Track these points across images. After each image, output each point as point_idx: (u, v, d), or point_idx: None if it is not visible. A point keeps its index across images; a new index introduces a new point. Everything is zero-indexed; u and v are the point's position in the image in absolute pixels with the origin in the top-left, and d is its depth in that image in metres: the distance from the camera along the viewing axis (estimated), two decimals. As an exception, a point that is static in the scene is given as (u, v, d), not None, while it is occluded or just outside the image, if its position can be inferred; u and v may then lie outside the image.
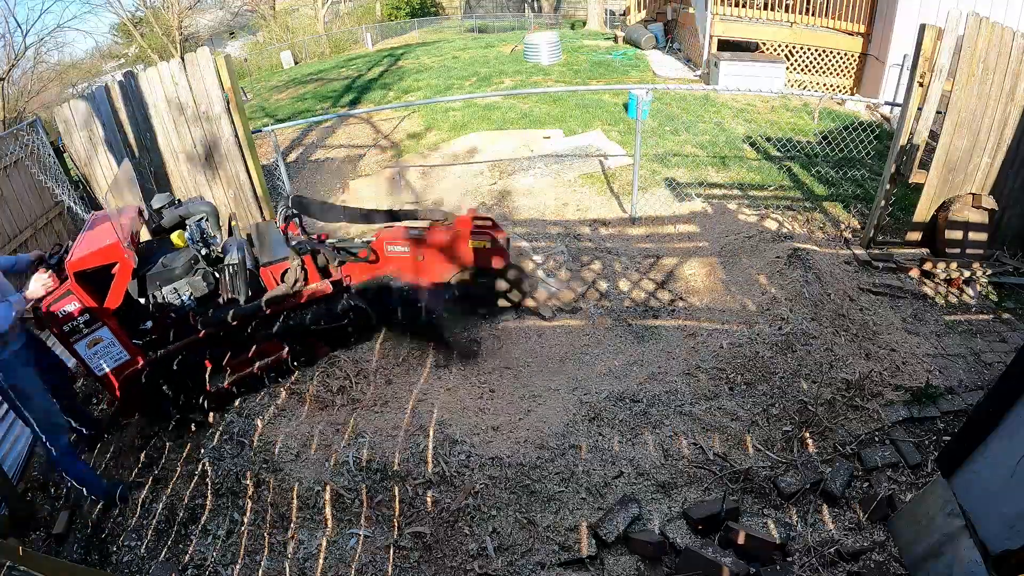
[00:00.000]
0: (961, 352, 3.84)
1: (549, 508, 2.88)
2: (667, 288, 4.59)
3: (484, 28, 27.41)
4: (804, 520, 2.77)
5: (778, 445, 3.17)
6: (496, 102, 8.70)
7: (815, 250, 4.81)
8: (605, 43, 13.88)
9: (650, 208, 5.67)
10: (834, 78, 9.36)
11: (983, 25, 4.21)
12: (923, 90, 4.43)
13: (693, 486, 2.98)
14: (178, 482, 3.12)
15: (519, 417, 3.43)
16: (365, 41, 25.00)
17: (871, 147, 5.96)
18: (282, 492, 2.99)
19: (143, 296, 3.34)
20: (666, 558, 2.62)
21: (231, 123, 4.89)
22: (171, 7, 25.55)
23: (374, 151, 7.72)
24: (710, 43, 9.76)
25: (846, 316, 4.12)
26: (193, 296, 3.39)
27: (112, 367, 3.17)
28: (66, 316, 2.93)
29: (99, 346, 3.09)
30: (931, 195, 4.76)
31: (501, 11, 31.93)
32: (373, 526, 2.84)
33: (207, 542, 2.84)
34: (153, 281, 3.30)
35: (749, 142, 7.17)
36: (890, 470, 2.97)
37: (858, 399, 3.37)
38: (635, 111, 7.25)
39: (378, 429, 3.34)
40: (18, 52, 18.07)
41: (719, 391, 3.55)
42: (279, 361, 3.67)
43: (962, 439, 2.31)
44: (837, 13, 9.12)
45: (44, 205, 4.90)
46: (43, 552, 2.82)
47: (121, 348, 3.16)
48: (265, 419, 3.44)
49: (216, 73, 4.72)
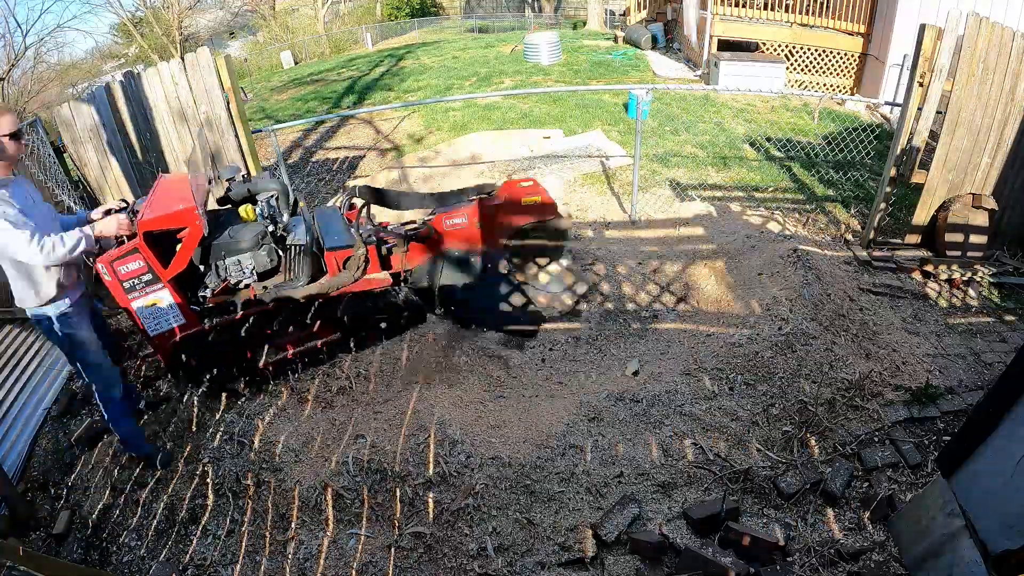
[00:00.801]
0: (961, 352, 3.84)
1: (549, 508, 2.88)
2: (667, 288, 4.59)
3: (484, 28, 27.43)
4: (804, 520, 2.77)
5: (778, 445, 3.17)
6: (496, 102, 8.71)
7: (815, 250, 4.81)
8: (605, 43, 13.88)
9: (650, 208, 5.67)
10: (834, 78, 9.37)
11: (983, 25, 4.21)
12: (923, 90, 4.43)
13: (693, 486, 2.98)
14: (178, 482, 3.12)
15: (519, 417, 3.44)
16: (365, 41, 25.02)
17: (871, 147, 5.96)
18: (282, 492, 2.99)
19: (204, 263, 3.39)
20: (666, 558, 2.62)
21: (231, 123, 4.89)
22: (171, 7, 25.57)
23: (374, 151, 7.73)
24: (710, 43, 9.76)
25: (846, 316, 4.12)
26: (255, 270, 3.44)
27: (166, 329, 3.24)
28: (128, 273, 2.99)
29: (157, 307, 3.15)
30: (931, 195, 4.76)
31: (501, 11, 31.94)
32: (373, 526, 2.84)
33: (207, 542, 2.84)
34: (219, 250, 3.34)
35: (749, 142, 7.17)
36: (890, 470, 2.97)
37: (858, 399, 3.37)
38: (635, 111, 7.26)
39: (378, 429, 3.34)
40: (18, 52, 18.09)
41: (719, 391, 3.55)
42: (329, 345, 3.76)
43: (962, 439, 2.31)
44: (837, 13, 9.12)
45: (44, 205, 4.90)
46: (43, 552, 2.82)
47: (179, 312, 3.22)
48: (266, 419, 3.44)
49: (216, 73, 4.73)
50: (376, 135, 8.26)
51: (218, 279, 3.40)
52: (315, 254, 3.63)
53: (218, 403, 3.64)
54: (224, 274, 3.40)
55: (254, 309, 3.43)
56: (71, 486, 3.20)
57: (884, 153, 5.42)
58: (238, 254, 3.37)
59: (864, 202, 5.70)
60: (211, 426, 3.43)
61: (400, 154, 7.49)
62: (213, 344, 3.40)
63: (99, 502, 3.07)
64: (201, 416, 3.51)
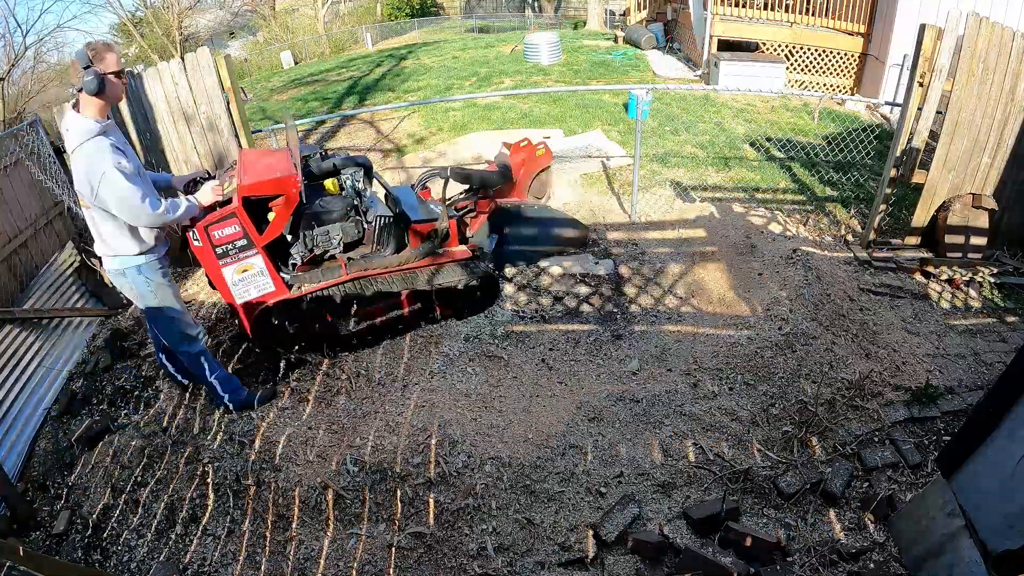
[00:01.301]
0: (961, 352, 3.84)
1: (549, 508, 2.88)
2: (667, 288, 4.59)
3: (484, 28, 27.42)
4: (804, 520, 2.77)
5: (778, 445, 3.17)
6: (496, 102, 8.70)
7: (815, 250, 4.81)
8: (605, 43, 13.89)
9: (650, 208, 5.67)
10: (834, 78, 9.37)
11: (983, 25, 4.21)
12: (923, 90, 4.43)
13: (693, 486, 2.98)
14: (178, 482, 3.12)
15: (519, 417, 3.44)
16: (365, 41, 25.02)
17: (871, 147, 5.96)
18: (282, 492, 2.99)
19: (292, 233, 3.45)
20: (666, 558, 2.62)
21: (231, 123, 4.89)
22: (171, 7, 25.56)
23: (375, 151, 7.73)
24: (710, 43, 9.76)
25: (846, 316, 4.12)
26: (342, 241, 3.53)
27: (256, 296, 3.31)
28: (223, 238, 3.05)
29: (247, 273, 3.20)
30: (931, 195, 4.76)
31: (501, 11, 31.94)
32: (373, 526, 2.84)
33: (207, 542, 2.84)
34: (309, 220, 3.43)
35: (749, 142, 7.17)
36: (890, 470, 2.97)
37: (858, 399, 3.37)
38: (635, 111, 7.25)
39: (379, 429, 3.34)
40: (18, 52, 18.08)
41: (719, 391, 3.55)
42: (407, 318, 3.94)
43: (962, 439, 2.31)
44: (837, 13, 9.12)
45: (44, 205, 4.90)
46: (43, 552, 2.82)
47: (269, 279, 3.29)
48: (266, 419, 3.44)
49: (216, 73, 4.73)
50: (377, 135, 8.26)
51: (305, 248, 3.48)
52: (400, 227, 3.76)
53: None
54: (311, 243, 3.47)
55: (341, 279, 3.51)
56: (71, 486, 3.20)
57: (884, 153, 5.42)
58: (327, 224, 3.46)
59: (864, 202, 5.70)
60: (211, 426, 3.43)
61: (401, 154, 7.49)
62: (302, 312, 3.51)
63: (99, 502, 3.07)
64: (201, 416, 3.51)
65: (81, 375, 4.05)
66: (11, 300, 4.30)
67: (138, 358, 4.10)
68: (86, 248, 4.99)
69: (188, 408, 3.59)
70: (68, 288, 4.82)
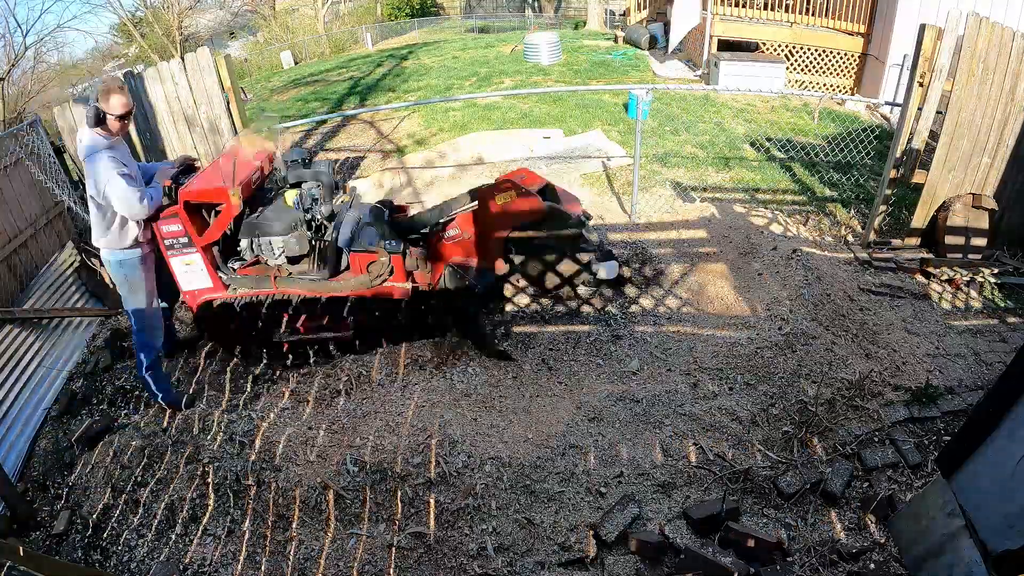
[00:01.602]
0: (961, 352, 3.84)
1: (549, 508, 2.88)
2: (667, 288, 4.59)
3: (484, 28, 27.41)
4: (804, 520, 2.77)
5: (778, 445, 3.17)
6: (496, 102, 8.70)
7: (816, 251, 4.81)
8: (605, 43, 13.89)
9: (650, 208, 5.67)
10: (834, 78, 9.37)
11: (983, 25, 4.21)
12: (923, 90, 4.44)
13: (693, 486, 2.98)
14: (178, 482, 3.12)
15: (519, 417, 3.44)
16: (365, 41, 25.01)
17: (871, 147, 5.96)
18: (283, 492, 2.99)
19: (244, 237, 3.61)
20: (666, 558, 2.62)
21: (231, 124, 4.89)
22: (171, 7, 25.56)
23: (375, 151, 7.72)
24: (709, 43, 9.76)
25: (846, 316, 4.12)
26: (284, 254, 3.62)
27: (195, 288, 3.58)
28: (169, 233, 3.35)
29: (189, 267, 3.51)
30: (931, 195, 4.76)
31: (501, 11, 31.94)
32: (373, 526, 2.84)
33: (207, 542, 2.84)
34: (251, 229, 3.57)
35: (749, 142, 7.17)
36: (890, 470, 2.97)
37: (858, 399, 3.37)
38: (635, 111, 7.25)
39: (379, 429, 3.34)
40: (18, 52, 18.08)
41: (719, 391, 3.55)
42: (341, 340, 3.89)
43: (962, 439, 2.31)
44: (837, 13, 9.12)
45: (44, 205, 4.89)
46: (43, 552, 2.82)
47: (207, 276, 3.54)
48: (267, 420, 3.44)
49: (216, 73, 4.73)
50: (377, 135, 8.25)
51: (251, 254, 3.66)
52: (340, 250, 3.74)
53: (218, 403, 3.65)
54: (256, 251, 3.64)
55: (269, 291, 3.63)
56: (71, 486, 3.20)
57: (884, 153, 5.42)
58: (268, 236, 3.56)
59: (864, 202, 5.70)
60: (211, 426, 3.43)
61: (401, 154, 7.49)
62: (236, 314, 3.66)
63: (99, 502, 3.07)
64: (202, 416, 3.51)
65: (81, 375, 4.05)
66: (11, 300, 4.30)
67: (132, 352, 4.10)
68: (86, 248, 4.99)
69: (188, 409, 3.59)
70: (68, 288, 4.82)
